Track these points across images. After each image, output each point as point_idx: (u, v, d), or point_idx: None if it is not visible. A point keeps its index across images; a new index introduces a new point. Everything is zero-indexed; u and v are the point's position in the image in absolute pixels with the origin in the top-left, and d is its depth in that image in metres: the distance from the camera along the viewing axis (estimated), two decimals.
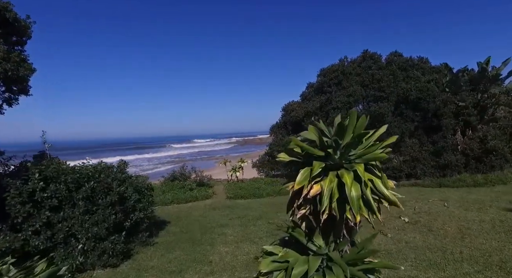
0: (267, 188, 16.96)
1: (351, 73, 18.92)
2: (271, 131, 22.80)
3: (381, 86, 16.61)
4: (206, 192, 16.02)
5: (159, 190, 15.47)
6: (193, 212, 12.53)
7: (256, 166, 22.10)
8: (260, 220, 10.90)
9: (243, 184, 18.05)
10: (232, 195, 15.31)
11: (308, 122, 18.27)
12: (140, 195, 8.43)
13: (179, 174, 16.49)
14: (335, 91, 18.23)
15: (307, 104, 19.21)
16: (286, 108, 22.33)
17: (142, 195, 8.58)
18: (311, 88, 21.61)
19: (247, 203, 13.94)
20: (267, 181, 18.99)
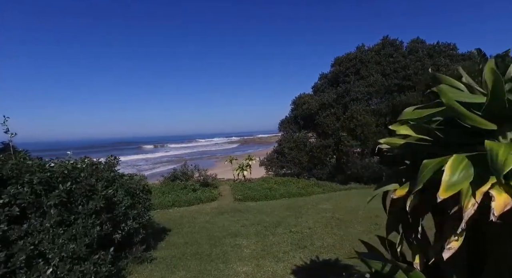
0: (279, 188, 15.17)
1: (369, 62, 17.13)
2: (280, 126, 21.00)
3: (407, 75, 14.83)
4: (211, 193, 14.22)
5: (158, 191, 13.65)
6: (198, 217, 10.73)
7: (264, 164, 20.30)
8: (279, 228, 9.11)
9: (251, 184, 16.25)
10: (241, 197, 13.51)
11: (324, 115, 16.49)
12: (134, 199, 6.64)
13: (180, 173, 14.69)
14: (353, 81, 16.43)
15: (322, 96, 17.43)
16: (296, 101, 20.53)
17: (137, 199, 6.79)
18: (324, 79, 19.81)
19: (259, 206, 12.15)
20: (277, 180, 17.18)
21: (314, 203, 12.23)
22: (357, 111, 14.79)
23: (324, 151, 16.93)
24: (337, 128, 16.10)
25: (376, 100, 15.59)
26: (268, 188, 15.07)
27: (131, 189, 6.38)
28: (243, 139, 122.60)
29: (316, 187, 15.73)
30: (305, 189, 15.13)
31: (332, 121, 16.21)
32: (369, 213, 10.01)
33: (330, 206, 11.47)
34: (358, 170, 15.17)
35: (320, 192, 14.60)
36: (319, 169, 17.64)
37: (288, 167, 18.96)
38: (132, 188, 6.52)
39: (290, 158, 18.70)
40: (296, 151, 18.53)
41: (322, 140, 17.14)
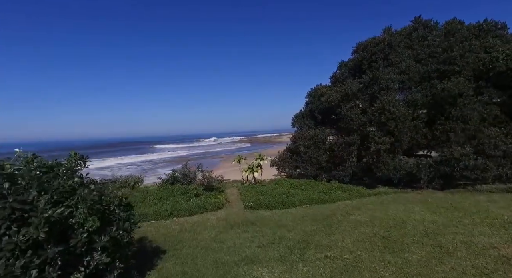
0: (297, 193, 12.91)
1: (399, 46, 14.73)
2: (294, 122, 18.70)
3: (450, 58, 12.40)
4: (217, 198, 12.03)
5: (154, 196, 11.51)
6: (202, 232, 8.54)
7: (276, 164, 18.04)
8: (309, 249, 6.86)
9: (263, 188, 14.02)
10: (252, 204, 11.29)
11: (348, 108, 14.17)
12: (106, 218, 4.45)
13: (181, 175, 12.51)
14: (382, 67, 14.06)
15: (344, 86, 15.08)
16: (313, 93, 18.22)
17: (111, 217, 4.60)
18: (344, 68, 17.46)
19: (277, 217, 9.91)
20: (293, 183, 14.92)
21: (344, 212, 9.94)
22: (389, 102, 12.44)
23: (347, 149, 14.61)
24: (363, 122, 13.76)
25: (411, 90, 13.21)
26: (284, 193, 12.82)
27: (98, 204, 4.19)
28: (247, 138, 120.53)
29: (340, 191, 13.43)
30: (328, 194, 12.85)
31: (357, 114, 13.89)
32: (422, 228, 7.71)
33: (365, 218, 9.17)
34: (390, 171, 12.83)
35: (345, 198, 12.30)
36: (341, 170, 15.33)
37: (304, 167, 16.67)
38: (101, 203, 4.33)
39: (307, 158, 16.41)
40: (313, 150, 16.24)
41: (345, 137, 14.83)
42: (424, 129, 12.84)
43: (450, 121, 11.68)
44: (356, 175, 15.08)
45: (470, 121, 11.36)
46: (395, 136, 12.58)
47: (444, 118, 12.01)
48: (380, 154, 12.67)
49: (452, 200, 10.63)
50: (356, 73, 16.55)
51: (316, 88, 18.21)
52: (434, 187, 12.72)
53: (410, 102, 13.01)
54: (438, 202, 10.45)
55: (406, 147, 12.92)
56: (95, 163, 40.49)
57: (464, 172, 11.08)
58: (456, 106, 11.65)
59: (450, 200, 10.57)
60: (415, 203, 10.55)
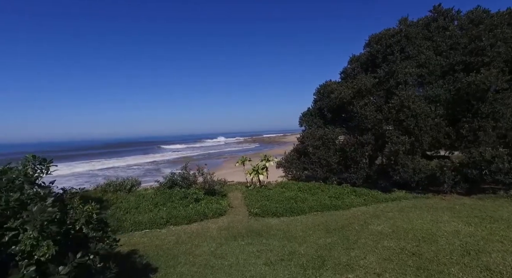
0: (306, 197, 11.80)
1: (416, 38, 13.51)
2: (301, 121, 17.57)
3: (479, 48, 11.13)
4: (219, 204, 10.99)
5: (150, 202, 10.51)
6: (200, 245, 7.50)
7: (282, 166, 16.93)
8: (325, 269, 5.76)
9: (269, 192, 12.93)
10: (258, 210, 10.21)
11: (362, 105, 13.00)
12: (66, 243, 3.41)
13: (180, 177, 11.49)
14: (399, 60, 12.85)
15: (355, 82, 13.92)
16: (321, 90, 17.07)
17: (72, 243, 3.56)
18: (355, 62, 16.27)
19: (285, 226, 8.81)
20: (301, 186, 13.80)
21: (361, 221, 8.80)
22: (408, 98, 11.25)
23: (360, 149, 13.45)
24: (378, 120, 12.59)
25: (431, 85, 11.98)
26: (292, 198, 11.72)
27: (56, 224, 3.15)
28: (252, 138, 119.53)
29: (353, 195, 12.28)
30: (340, 199, 11.71)
31: (371, 112, 12.72)
32: (458, 244, 6.53)
33: (387, 228, 8.02)
34: (408, 174, 11.63)
35: (360, 203, 11.15)
36: (353, 172, 14.17)
37: (313, 169, 15.53)
38: (62, 222, 3.29)
39: (315, 159, 15.28)
40: (323, 150, 15.10)
41: (358, 136, 13.67)
42: (446, 128, 11.61)
43: (479, 118, 10.46)
44: (370, 178, 13.90)
45: (502, 119, 10.13)
46: (415, 135, 11.37)
47: (471, 116, 10.79)
48: (398, 154, 11.47)
49: (484, 207, 9.40)
50: (368, 68, 15.37)
51: (325, 85, 17.06)
52: (458, 191, 11.52)
53: (431, 98, 11.80)
54: (468, 209, 9.24)
55: (427, 147, 11.72)
56: (96, 164, 39.93)
57: (497, 175, 9.84)
58: (485, 102, 10.43)
59: (482, 208, 9.35)
60: (442, 211, 9.35)
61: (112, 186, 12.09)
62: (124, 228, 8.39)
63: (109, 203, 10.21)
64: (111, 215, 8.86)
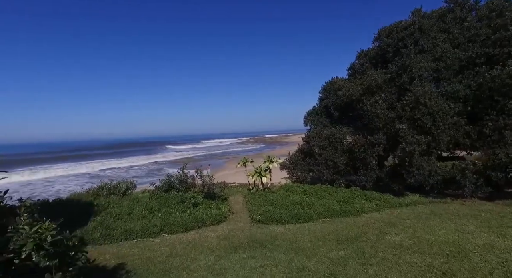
0: (313, 202, 10.90)
1: (431, 30, 12.56)
2: (306, 120, 16.69)
3: (504, 38, 10.16)
4: (219, 209, 10.14)
5: (144, 207, 9.68)
6: (197, 258, 6.65)
7: (287, 167, 16.05)
8: None
9: (273, 195, 12.06)
10: (261, 217, 9.35)
11: (372, 102, 12.09)
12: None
13: (177, 180, 10.66)
14: (413, 54, 11.92)
15: (365, 78, 13.01)
16: (328, 87, 16.18)
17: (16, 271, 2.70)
18: (364, 57, 15.35)
19: (292, 235, 7.94)
20: (307, 189, 12.92)
21: (376, 230, 7.91)
22: (424, 94, 10.33)
23: (370, 150, 12.54)
24: (391, 119, 11.68)
25: (449, 80, 11.04)
26: (298, 202, 10.84)
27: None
28: (253, 139, 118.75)
29: (364, 200, 11.37)
30: (350, 204, 10.82)
31: (383, 110, 11.81)
32: (496, 261, 5.62)
33: (406, 239, 7.12)
34: (424, 176, 10.70)
35: (372, 209, 10.25)
36: (362, 175, 13.25)
37: (319, 171, 14.62)
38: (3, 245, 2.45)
39: (322, 160, 14.38)
40: (330, 151, 14.20)
41: (368, 136, 12.77)
42: (466, 126, 10.67)
43: (505, 116, 9.51)
44: (380, 181, 12.97)
45: None
46: (432, 135, 10.44)
47: (495, 113, 9.84)
48: (413, 155, 10.55)
49: None
50: (378, 64, 14.45)
51: (331, 82, 16.16)
52: (478, 196, 10.57)
53: (449, 94, 10.87)
54: (497, 218, 8.30)
55: (444, 147, 10.78)
56: (97, 165, 39.32)
57: None
58: (510, 97, 9.47)
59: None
60: (466, 218, 8.42)
61: (105, 189, 11.31)
62: (113, 237, 7.57)
63: (100, 208, 9.41)
64: (99, 223, 8.05)
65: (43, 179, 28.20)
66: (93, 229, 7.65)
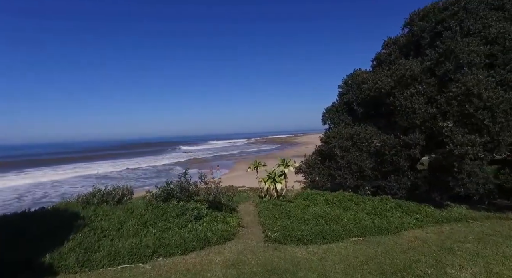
0: (339, 214, 9.07)
1: (479, 8, 10.53)
2: (325, 118, 14.85)
3: None
4: (226, 223, 8.48)
5: (137, 220, 8.11)
6: None
7: (303, 171, 14.25)
8: None
9: (290, 205, 10.32)
10: (278, 235, 7.62)
11: (406, 96, 10.18)
12: None
13: (177, 188, 9.05)
14: (460, 37, 9.91)
15: (396, 67, 11.08)
16: (349, 81, 14.33)
17: None
18: (392, 46, 13.39)
19: (318, 261, 6.18)
20: (329, 198, 11.12)
21: (430, 258, 6.04)
22: (478, 84, 8.37)
23: (404, 152, 10.63)
24: (431, 115, 9.74)
25: (507, 67, 9.02)
26: (320, 215, 9.05)
27: None
28: (262, 139, 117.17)
29: (399, 212, 9.49)
30: (383, 217, 8.96)
31: (421, 104, 9.89)
32: None
33: (481, 276, 5.23)
34: (478, 185, 8.71)
35: (413, 225, 8.36)
36: (394, 181, 11.34)
37: (341, 175, 12.76)
38: None
39: (344, 163, 12.53)
40: (354, 153, 12.34)
41: (401, 135, 10.85)
42: None
43: None
44: (417, 188, 11.03)
45: None
46: (490, 134, 8.45)
47: None
48: (463, 159, 8.58)
49: None
50: (410, 52, 12.46)
51: (354, 74, 14.27)
52: None
53: (509, 84, 8.83)
54: None
55: (507, 149, 8.77)
56: (106, 166, 38.61)
57: None
58: None
59: None
60: None
61: (96, 196, 9.85)
62: (94, 262, 6.02)
63: (86, 221, 7.91)
64: (79, 242, 6.53)
65: (53, 180, 27.73)
66: (69, 252, 6.12)
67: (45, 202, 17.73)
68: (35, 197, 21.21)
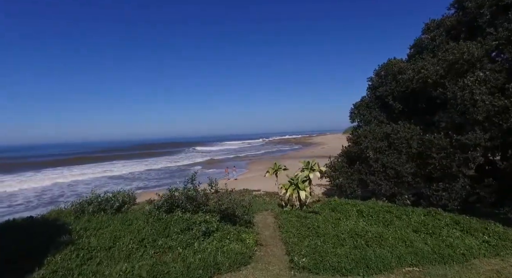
0: (381, 232, 7.23)
1: None
2: (354, 115, 12.98)
3: None
4: (241, 241, 6.90)
5: (133, 236, 6.67)
6: None
7: (329, 176, 12.43)
8: None
9: (316, 218, 8.59)
10: (306, 261, 5.93)
11: (462, 86, 8.19)
12: None
13: (183, 196, 7.51)
14: None
15: (449, 52, 9.08)
16: (382, 72, 12.41)
17: None
18: (437, 29, 11.32)
19: None
20: (364, 209, 9.28)
21: None
22: None
23: (458, 155, 8.64)
24: (500, 108, 7.74)
25: None
26: (358, 233, 7.26)
27: None
28: (277, 139, 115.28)
29: (458, 230, 7.53)
30: (439, 237, 7.07)
31: (483, 95, 7.90)
32: None
33: None
34: None
35: (487, 251, 6.40)
36: (442, 189, 9.34)
37: (374, 181, 10.87)
38: None
39: (379, 167, 10.64)
40: (391, 155, 10.43)
41: (454, 134, 8.86)
42: None
43: None
44: (479, 200, 8.98)
45: None
46: None
47: None
48: None
49: None
50: (460, 34, 10.40)
51: (388, 64, 12.31)
52: None
53: None
54: None
55: None
56: (119, 165, 38.26)
57: None
58: None
59: None
60: None
61: (93, 204, 8.57)
62: None
63: (72, 236, 6.58)
64: (53, 271, 5.13)
65: (72, 181, 27.54)
66: None
67: (61, 200, 17.36)
68: (53, 195, 21.21)
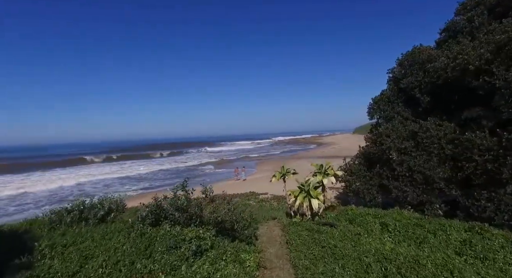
0: (418, 256, 5.75)
1: None
2: (372, 110, 11.42)
3: None
4: (239, 263, 5.58)
5: (105, 258, 5.44)
6: None
7: (345, 181, 10.94)
8: None
9: (332, 234, 7.15)
10: None
11: None
12: None
13: (172, 207, 6.20)
14: None
15: (491, 35, 7.46)
16: (405, 61, 10.77)
17: None
18: (475, 8, 9.62)
19: None
20: (388, 222, 7.77)
21: None
22: None
23: (510, 158, 7.03)
24: None
25: None
26: (385, 255, 5.80)
27: None
28: (286, 139, 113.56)
29: None
30: (495, 263, 5.51)
31: None
32: None
33: None
34: None
35: None
36: (487, 199, 7.73)
37: (399, 187, 9.32)
38: None
39: (404, 171, 9.09)
40: (419, 157, 8.86)
41: (505, 133, 7.25)
42: None
43: None
44: None
45: None
46: None
47: None
48: None
49: None
50: (508, 12, 8.69)
51: (414, 52, 10.68)
52: None
53: None
54: None
55: None
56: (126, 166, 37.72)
57: None
58: None
59: None
60: None
61: (73, 213, 7.42)
62: None
63: (34, 257, 5.41)
64: None
65: (87, 181, 27.10)
66: None
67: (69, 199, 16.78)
68: (62, 195, 20.89)
